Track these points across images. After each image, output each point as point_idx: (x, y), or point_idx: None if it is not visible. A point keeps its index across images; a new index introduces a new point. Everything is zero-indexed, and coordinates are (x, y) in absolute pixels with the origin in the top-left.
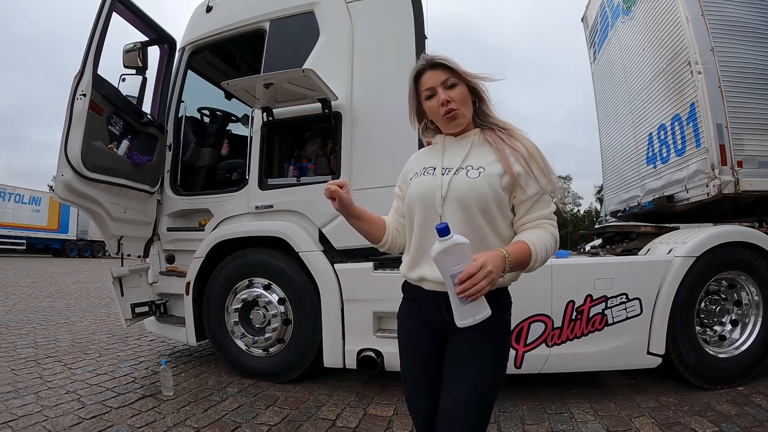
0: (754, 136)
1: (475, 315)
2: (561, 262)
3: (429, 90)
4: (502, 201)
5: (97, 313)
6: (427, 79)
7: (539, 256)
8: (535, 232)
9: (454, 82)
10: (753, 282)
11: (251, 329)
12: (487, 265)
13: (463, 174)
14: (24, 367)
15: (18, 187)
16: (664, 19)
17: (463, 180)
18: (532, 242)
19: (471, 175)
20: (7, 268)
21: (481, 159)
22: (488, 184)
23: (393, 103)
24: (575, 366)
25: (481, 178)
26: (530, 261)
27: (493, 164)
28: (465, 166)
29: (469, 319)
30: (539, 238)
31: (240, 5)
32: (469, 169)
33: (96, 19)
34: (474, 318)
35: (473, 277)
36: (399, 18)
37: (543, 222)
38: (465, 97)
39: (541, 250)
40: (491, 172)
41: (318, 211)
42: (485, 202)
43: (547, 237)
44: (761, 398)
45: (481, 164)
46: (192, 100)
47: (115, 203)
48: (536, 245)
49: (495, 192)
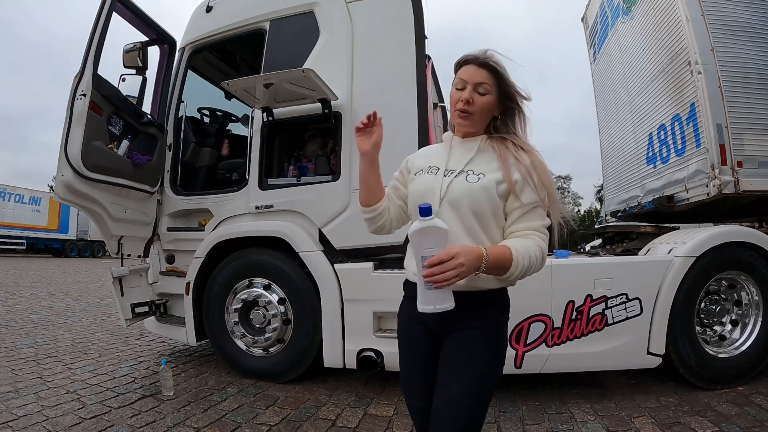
0: (754, 136)
1: (437, 304)
2: (561, 262)
3: (461, 82)
4: (497, 208)
5: (97, 313)
6: (466, 71)
7: (520, 264)
8: (522, 241)
9: (486, 90)
10: (753, 282)
11: (251, 329)
12: (460, 256)
13: (462, 178)
14: (24, 367)
15: (18, 187)
16: (664, 19)
17: (461, 184)
18: (515, 248)
19: (470, 180)
20: (7, 268)
21: (483, 165)
22: (485, 191)
23: (393, 103)
24: (575, 366)
25: (479, 184)
26: (510, 266)
27: (494, 171)
28: (467, 170)
29: (430, 306)
30: (524, 246)
31: (240, 5)
32: (470, 174)
33: (96, 19)
34: (435, 306)
35: (443, 264)
36: (399, 18)
37: (532, 233)
38: (489, 109)
39: (524, 258)
40: (490, 179)
41: (318, 211)
42: (480, 207)
43: (533, 248)
44: (761, 398)
45: (482, 170)
46: (192, 100)
47: (115, 203)
48: (519, 252)
49: (491, 199)
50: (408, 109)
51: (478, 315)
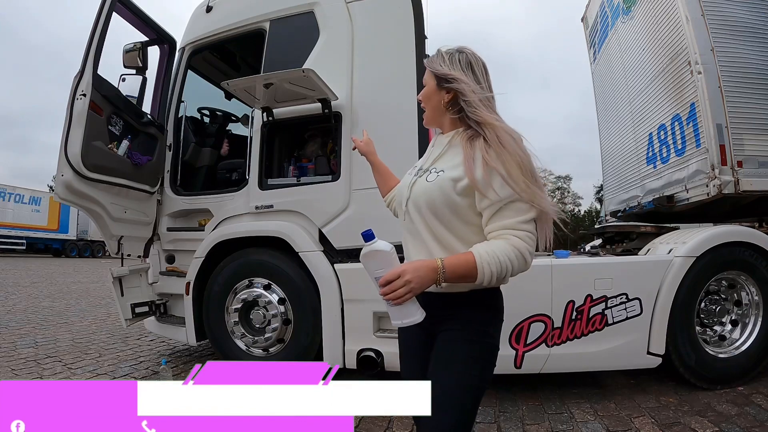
0: (754, 136)
1: (404, 318)
2: (561, 262)
3: None
4: (456, 206)
5: (97, 313)
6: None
7: (487, 271)
8: (491, 244)
9: (425, 81)
10: (753, 282)
11: (251, 329)
12: (406, 274)
13: (424, 177)
14: (24, 367)
15: (18, 187)
16: (664, 19)
17: (421, 183)
18: (479, 254)
19: (429, 179)
20: (7, 268)
21: (446, 162)
22: (438, 188)
23: (393, 102)
24: (575, 366)
25: (434, 182)
26: (476, 274)
27: (454, 168)
28: (431, 169)
29: (398, 321)
30: (491, 250)
31: (240, 5)
32: (431, 172)
33: (96, 19)
34: (402, 321)
35: (391, 284)
36: (399, 18)
37: (505, 232)
38: (431, 98)
39: (491, 264)
40: (446, 176)
41: (318, 211)
42: (434, 206)
43: (505, 249)
44: (761, 398)
45: (443, 167)
46: (192, 100)
47: (115, 203)
48: (484, 258)
49: (445, 196)
50: (408, 109)
51: (460, 315)
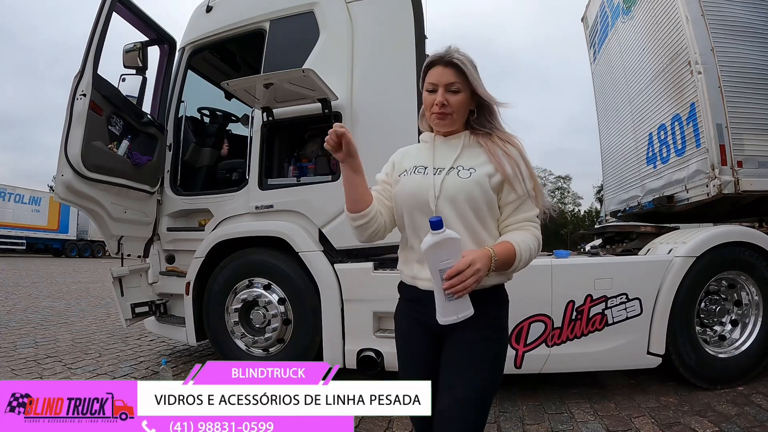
0: (754, 136)
1: (459, 313)
2: (561, 262)
3: (432, 85)
4: (492, 201)
5: (97, 313)
6: (435, 73)
7: (523, 258)
8: (520, 234)
9: (458, 88)
10: (753, 282)
11: (251, 329)
12: (476, 263)
13: (454, 174)
14: (24, 367)
15: (18, 187)
16: (664, 19)
17: (454, 180)
18: (517, 243)
19: (462, 176)
20: (7, 268)
21: (472, 160)
22: (478, 185)
23: (393, 102)
24: (575, 366)
25: (472, 179)
26: (515, 261)
27: (483, 165)
28: (456, 167)
29: (453, 316)
30: (524, 239)
31: (240, 5)
32: (461, 170)
33: (96, 19)
34: (457, 316)
35: (461, 274)
36: (399, 18)
37: (527, 224)
38: (464, 106)
39: (525, 251)
40: (481, 173)
41: (318, 211)
42: (476, 201)
43: (531, 239)
44: (761, 398)
45: (472, 165)
46: (192, 100)
47: (115, 203)
48: (521, 246)
49: (485, 192)
50: (408, 109)
51: (478, 314)
